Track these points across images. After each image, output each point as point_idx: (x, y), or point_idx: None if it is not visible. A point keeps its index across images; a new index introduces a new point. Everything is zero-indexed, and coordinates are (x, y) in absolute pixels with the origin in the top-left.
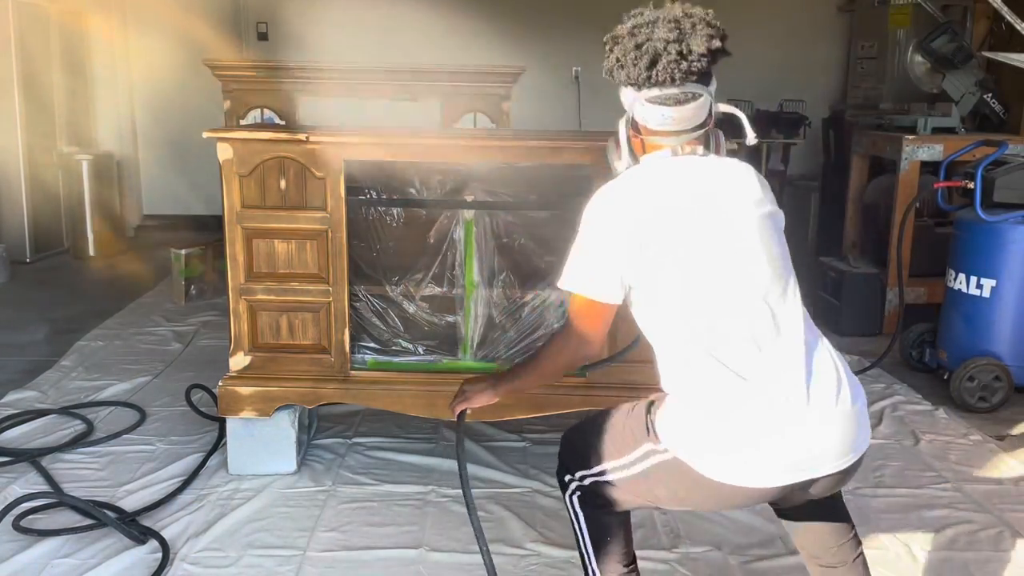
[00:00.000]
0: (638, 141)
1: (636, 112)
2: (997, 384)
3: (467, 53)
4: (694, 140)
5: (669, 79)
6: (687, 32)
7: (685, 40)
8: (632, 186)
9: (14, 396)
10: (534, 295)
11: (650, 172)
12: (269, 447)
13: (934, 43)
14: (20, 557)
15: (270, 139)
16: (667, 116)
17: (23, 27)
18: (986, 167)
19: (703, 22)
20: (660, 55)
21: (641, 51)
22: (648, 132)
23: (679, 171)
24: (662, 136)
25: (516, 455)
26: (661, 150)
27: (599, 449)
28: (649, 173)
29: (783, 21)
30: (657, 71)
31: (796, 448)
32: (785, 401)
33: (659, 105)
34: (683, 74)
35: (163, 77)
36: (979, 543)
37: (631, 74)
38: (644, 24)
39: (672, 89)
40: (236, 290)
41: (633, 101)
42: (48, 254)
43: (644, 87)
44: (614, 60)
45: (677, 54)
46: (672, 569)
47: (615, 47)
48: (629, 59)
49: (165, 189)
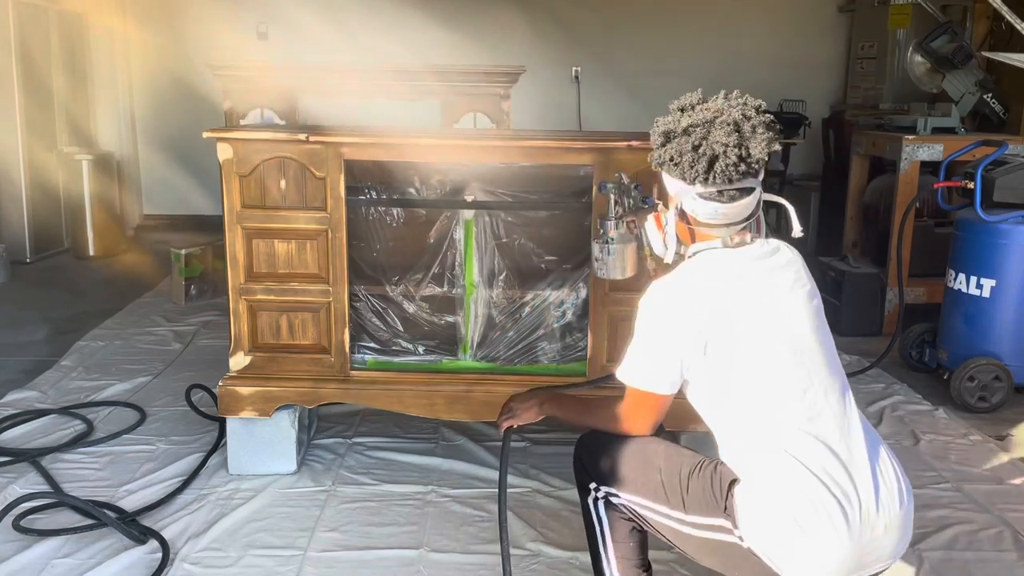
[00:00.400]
0: (685, 228)
1: (686, 203)
2: (997, 384)
3: (467, 53)
4: (743, 229)
5: (726, 180)
6: (747, 136)
7: (745, 144)
8: (690, 283)
9: (14, 396)
10: (534, 295)
11: (706, 268)
12: (269, 447)
13: (934, 43)
14: (20, 557)
15: (270, 139)
16: (719, 212)
17: (23, 27)
18: (986, 167)
19: (762, 125)
20: (718, 158)
21: (699, 153)
22: (697, 223)
23: (734, 267)
24: (712, 227)
25: (516, 455)
26: (710, 240)
27: (636, 482)
28: (705, 269)
29: (783, 21)
30: (715, 173)
31: (862, 554)
32: (863, 511)
33: (712, 201)
34: (740, 175)
35: (163, 77)
36: (979, 543)
37: (687, 174)
38: (700, 124)
39: (727, 186)
40: (236, 290)
41: (683, 192)
42: (48, 254)
43: (698, 184)
44: (668, 156)
45: (737, 158)
46: (671, 570)
47: (669, 143)
48: (686, 160)
49: (165, 189)
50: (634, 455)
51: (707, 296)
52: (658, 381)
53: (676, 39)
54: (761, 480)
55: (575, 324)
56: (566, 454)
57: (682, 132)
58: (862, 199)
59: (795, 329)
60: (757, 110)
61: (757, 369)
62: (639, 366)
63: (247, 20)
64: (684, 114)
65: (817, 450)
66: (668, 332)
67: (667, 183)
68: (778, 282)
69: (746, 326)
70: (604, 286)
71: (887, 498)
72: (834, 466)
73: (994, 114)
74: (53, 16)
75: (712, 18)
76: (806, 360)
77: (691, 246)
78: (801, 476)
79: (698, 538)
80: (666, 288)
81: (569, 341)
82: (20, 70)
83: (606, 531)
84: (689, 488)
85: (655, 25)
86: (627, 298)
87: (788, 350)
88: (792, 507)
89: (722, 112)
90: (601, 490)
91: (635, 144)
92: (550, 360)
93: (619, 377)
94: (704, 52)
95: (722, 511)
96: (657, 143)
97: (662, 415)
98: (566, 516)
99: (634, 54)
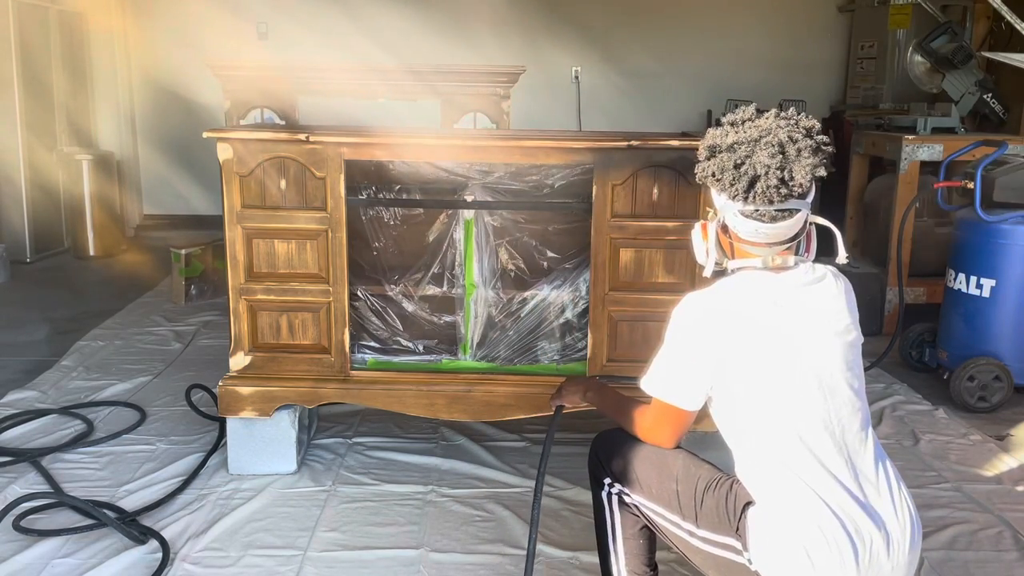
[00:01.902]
0: (727, 242)
1: (728, 219)
2: (997, 384)
3: (467, 53)
4: (786, 250)
5: (766, 201)
6: (791, 158)
7: (788, 167)
8: (724, 302)
9: (14, 396)
10: (534, 295)
11: (743, 289)
12: (269, 447)
13: (934, 43)
14: (20, 557)
15: (270, 139)
16: (760, 231)
17: (23, 27)
18: (986, 167)
19: (809, 149)
20: (759, 178)
21: (740, 172)
22: (738, 239)
23: (772, 292)
24: (753, 246)
25: (516, 455)
26: (751, 259)
27: (651, 487)
28: (742, 290)
29: (783, 21)
30: (755, 193)
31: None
32: (872, 552)
33: (753, 220)
34: (781, 197)
35: (163, 77)
36: (979, 543)
37: (728, 191)
38: (745, 142)
39: (768, 207)
40: (236, 290)
41: (726, 207)
42: (48, 254)
43: (739, 201)
44: (710, 171)
45: (778, 180)
46: (671, 570)
47: (713, 158)
48: (727, 177)
49: (165, 189)
50: (652, 460)
51: (740, 319)
52: (680, 395)
53: (676, 39)
54: (776, 507)
55: (575, 324)
56: (566, 454)
57: (727, 148)
58: (862, 199)
59: (824, 364)
60: (807, 132)
61: (780, 399)
62: (663, 378)
63: (247, 20)
64: (733, 129)
65: (833, 486)
66: (696, 349)
67: (713, 195)
68: (815, 313)
69: (775, 355)
70: (604, 286)
71: (899, 541)
72: (850, 504)
73: (994, 114)
74: (53, 16)
75: (712, 18)
76: (830, 396)
77: (732, 261)
78: (817, 509)
79: (705, 552)
80: (701, 304)
81: (569, 341)
82: (20, 70)
83: (617, 527)
84: (703, 503)
85: (655, 25)
86: (627, 298)
87: (814, 384)
88: (805, 539)
89: (770, 131)
90: (616, 486)
91: (635, 144)
92: (550, 360)
93: (642, 386)
94: (704, 52)
95: (733, 531)
96: (702, 156)
97: (684, 431)
98: (566, 516)
99: (634, 54)
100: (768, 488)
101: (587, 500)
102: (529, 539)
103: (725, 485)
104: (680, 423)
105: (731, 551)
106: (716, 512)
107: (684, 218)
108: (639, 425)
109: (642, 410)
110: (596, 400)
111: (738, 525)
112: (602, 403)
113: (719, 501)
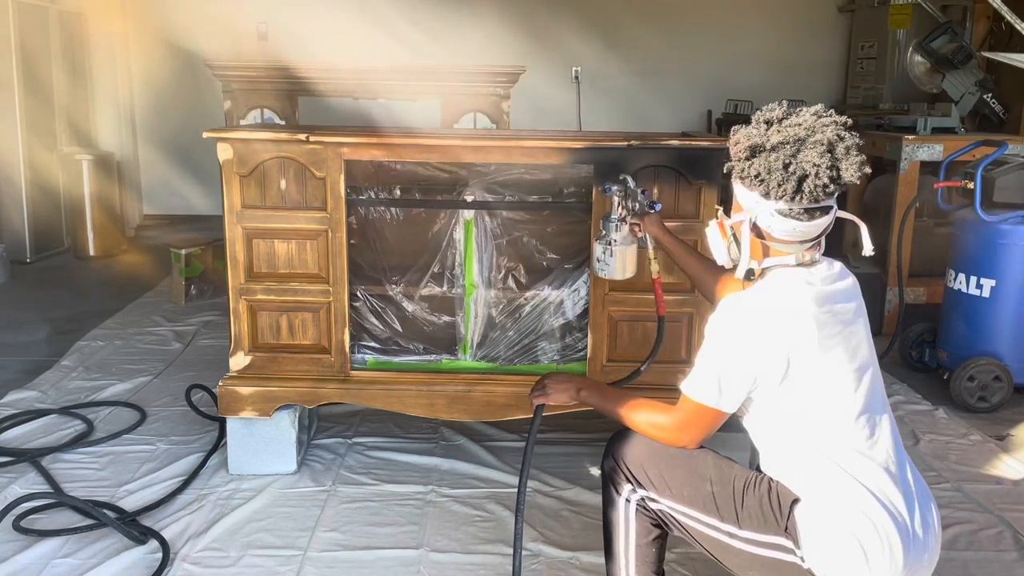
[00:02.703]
0: (758, 243)
1: (761, 219)
2: (997, 384)
3: (467, 53)
4: (813, 246)
5: (813, 200)
6: (839, 157)
7: (837, 166)
8: (772, 305)
9: (14, 396)
10: (534, 295)
11: (784, 289)
12: (269, 447)
13: (934, 43)
14: (20, 557)
15: (270, 139)
16: (797, 230)
17: (23, 27)
18: (986, 167)
19: (855, 147)
20: (808, 177)
21: (789, 172)
22: (771, 239)
23: (810, 289)
24: (785, 244)
25: (516, 455)
26: (783, 256)
27: (682, 491)
28: (783, 290)
29: (783, 21)
30: (803, 193)
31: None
32: (914, 542)
33: (790, 218)
34: (828, 195)
35: (163, 77)
36: (979, 543)
37: (774, 192)
38: (791, 142)
39: (811, 205)
40: (236, 290)
41: (758, 207)
42: (48, 254)
43: (781, 202)
44: (754, 172)
45: (828, 179)
46: (671, 570)
47: (755, 158)
48: (774, 178)
49: (165, 189)
50: (681, 463)
51: (791, 318)
52: (725, 400)
53: (676, 39)
54: (826, 501)
55: (575, 324)
56: (566, 454)
57: (771, 148)
58: (862, 199)
59: (860, 355)
60: (848, 130)
61: (827, 392)
62: (709, 383)
63: (247, 20)
64: (771, 128)
65: (877, 475)
66: (746, 353)
67: (740, 196)
68: (847, 307)
69: (822, 350)
70: (604, 286)
71: (935, 532)
72: (892, 490)
73: (994, 114)
74: (53, 16)
75: (712, 18)
76: (866, 386)
77: (762, 261)
78: (866, 500)
79: (749, 553)
80: (746, 308)
81: (569, 341)
82: (20, 70)
83: (631, 534)
84: (744, 502)
85: (655, 25)
86: (627, 298)
87: (854, 375)
88: (858, 531)
89: (815, 131)
90: (638, 492)
91: (635, 144)
92: (550, 360)
93: (684, 391)
94: (704, 52)
95: (782, 530)
96: (741, 156)
97: (714, 432)
98: (566, 516)
99: (634, 54)
100: (815, 483)
101: (587, 500)
102: (515, 551)
103: (764, 484)
104: (714, 426)
105: (781, 551)
106: (760, 511)
107: (684, 218)
108: (660, 426)
109: (659, 409)
110: (595, 399)
111: (787, 524)
112: (604, 402)
113: (761, 499)
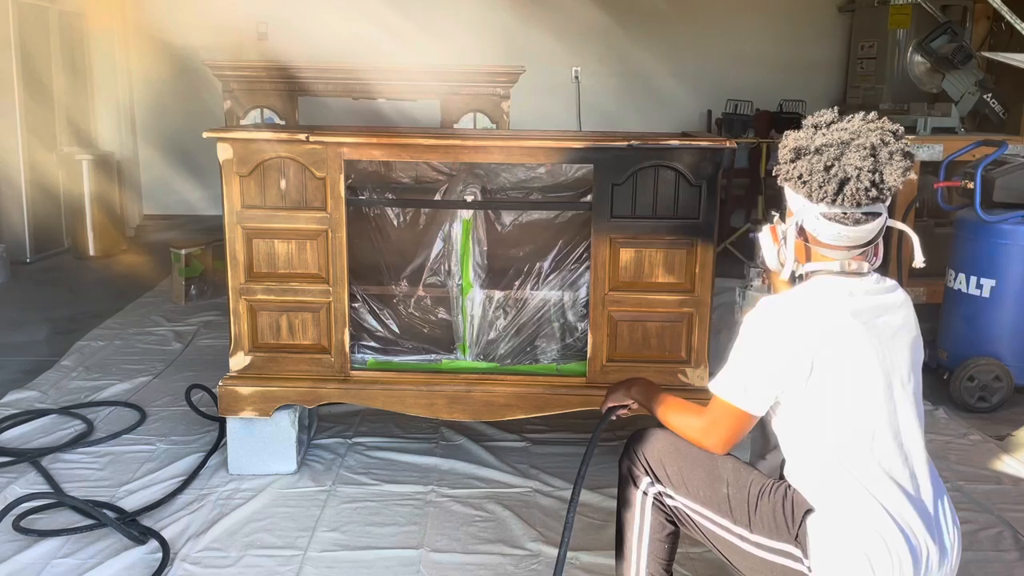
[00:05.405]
0: (802, 246)
1: (807, 222)
2: (997, 384)
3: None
4: (860, 255)
5: (854, 204)
6: (883, 161)
7: (879, 170)
8: (805, 308)
9: (14, 396)
10: (534, 295)
11: (822, 295)
12: (269, 447)
13: (934, 43)
14: (20, 557)
15: (270, 139)
16: (842, 234)
17: (23, 27)
18: (986, 167)
19: (900, 152)
20: (850, 180)
21: (830, 174)
22: (816, 243)
23: (850, 298)
24: (831, 249)
25: (516, 455)
26: (828, 262)
27: (699, 490)
28: (821, 295)
29: (783, 21)
30: (844, 196)
31: None
32: (928, 565)
33: (836, 223)
34: (870, 200)
35: (163, 77)
36: (979, 543)
37: (815, 194)
38: (835, 144)
39: (855, 210)
40: (236, 290)
41: (805, 210)
42: (48, 254)
43: (823, 204)
44: (796, 174)
45: (870, 183)
46: None
47: (799, 159)
48: (815, 180)
49: (165, 189)
50: (701, 462)
51: (820, 324)
52: (753, 400)
53: (676, 39)
54: (839, 515)
55: (575, 324)
56: (566, 454)
57: (814, 151)
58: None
59: (894, 373)
60: (895, 136)
61: (852, 405)
62: (737, 382)
63: (247, 20)
64: (818, 132)
65: (897, 496)
66: (775, 354)
67: (790, 199)
68: (888, 322)
69: (852, 361)
70: (604, 286)
71: (952, 558)
72: (912, 515)
73: (994, 114)
74: (53, 16)
75: (712, 18)
76: (899, 405)
77: (806, 265)
78: (881, 520)
79: (758, 558)
80: (781, 309)
81: (569, 341)
82: (20, 70)
83: (646, 528)
84: (758, 508)
85: (655, 25)
86: (627, 298)
87: (886, 393)
88: (868, 549)
89: (859, 134)
90: (655, 487)
91: (635, 144)
92: (550, 360)
93: (713, 389)
94: (704, 52)
95: (792, 538)
96: (787, 159)
97: (741, 436)
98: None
99: (634, 54)
100: (830, 495)
101: (588, 500)
102: (561, 542)
103: (780, 491)
104: (742, 428)
105: (789, 558)
106: (772, 518)
107: (685, 218)
108: (691, 426)
109: (694, 410)
110: (641, 395)
111: (797, 532)
112: (647, 398)
113: (775, 506)
